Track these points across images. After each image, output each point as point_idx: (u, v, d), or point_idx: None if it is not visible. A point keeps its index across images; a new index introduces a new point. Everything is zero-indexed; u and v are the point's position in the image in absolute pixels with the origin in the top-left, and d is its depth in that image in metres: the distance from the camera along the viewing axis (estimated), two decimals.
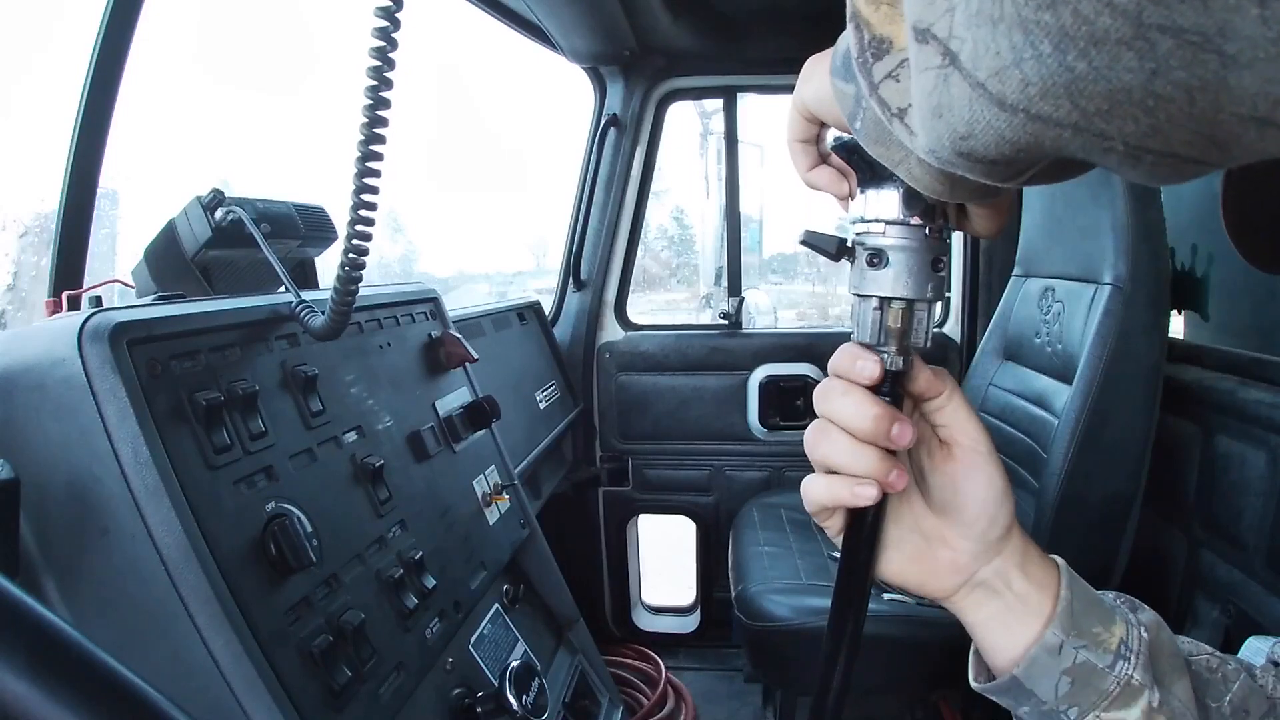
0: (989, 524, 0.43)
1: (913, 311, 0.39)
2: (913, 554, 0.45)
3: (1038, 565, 0.44)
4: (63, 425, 0.58)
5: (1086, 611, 0.42)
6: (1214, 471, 1.33)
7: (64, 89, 1.02)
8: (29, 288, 1.16)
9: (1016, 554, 0.44)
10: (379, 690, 0.71)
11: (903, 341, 0.39)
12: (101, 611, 0.58)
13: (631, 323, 2.21)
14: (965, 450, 0.43)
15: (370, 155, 0.62)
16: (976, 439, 0.43)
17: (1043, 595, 0.43)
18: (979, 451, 0.43)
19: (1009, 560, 0.44)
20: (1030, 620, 0.42)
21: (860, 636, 0.44)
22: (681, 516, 2.24)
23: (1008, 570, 0.44)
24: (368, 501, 0.82)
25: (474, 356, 1.13)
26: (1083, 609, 0.42)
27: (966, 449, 0.43)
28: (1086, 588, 0.44)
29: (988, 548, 0.44)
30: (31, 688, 0.21)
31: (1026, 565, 0.43)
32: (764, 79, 2.16)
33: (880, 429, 0.39)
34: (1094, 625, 0.42)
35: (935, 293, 0.39)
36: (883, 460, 0.40)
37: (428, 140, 5.37)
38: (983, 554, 0.44)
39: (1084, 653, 0.41)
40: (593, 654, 1.27)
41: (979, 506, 0.43)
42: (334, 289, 0.69)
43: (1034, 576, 0.43)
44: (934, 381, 0.42)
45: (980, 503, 0.43)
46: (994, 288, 2.03)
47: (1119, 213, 1.32)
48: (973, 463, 0.43)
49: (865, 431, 0.40)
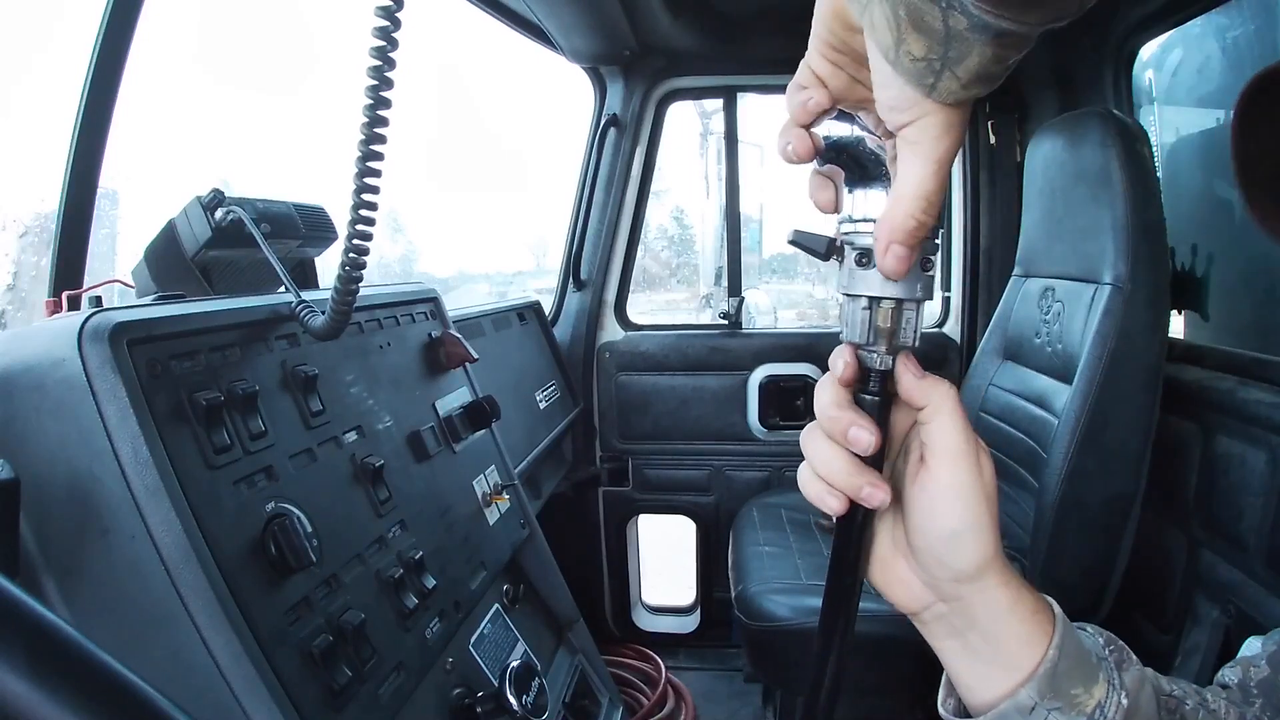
0: (936, 564, 0.40)
1: (902, 311, 0.39)
2: (881, 558, 0.43)
3: (1027, 618, 0.40)
4: (63, 425, 0.58)
5: (1070, 672, 0.40)
6: (1214, 471, 1.33)
7: (64, 89, 1.02)
8: (29, 288, 1.16)
9: (996, 601, 0.40)
10: (379, 690, 0.71)
11: (892, 341, 0.39)
12: (101, 611, 0.58)
13: (631, 323, 2.21)
14: (933, 476, 0.39)
15: (371, 155, 0.62)
16: (953, 470, 0.39)
17: (1026, 651, 0.40)
18: (947, 485, 0.39)
19: (982, 605, 0.40)
20: (1007, 673, 0.40)
21: (851, 635, 0.44)
22: (681, 516, 2.24)
23: (978, 613, 0.41)
24: (368, 501, 0.82)
25: (474, 356, 1.13)
26: (1067, 669, 0.40)
27: (936, 476, 0.39)
28: (1077, 641, 0.41)
29: (939, 585, 0.41)
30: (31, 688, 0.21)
31: (1013, 614, 0.40)
32: (764, 79, 2.16)
33: (836, 428, 0.39)
34: (1074, 687, 0.40)
35: (924, 292, 0.39)
36: (854, 473, 0.39)
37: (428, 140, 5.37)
38: (936, 589, 0.41)
39: (1056, 715, 0.39)
40: (593, 654, 1.27)
41: (927, 541, 0.40)
42: (334, 289, 0.69)
43: (1019, 629, 0.40)
44: (916, 389, 0.39)
45: (931, 537, 0.40)
46: (994, 288, 2.04)
47: (1119, 213, 1.32)
48: (935, 493, 0.39)
49: (827, 428, 0.39)
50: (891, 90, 0.33)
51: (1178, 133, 1.84)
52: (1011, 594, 0.41)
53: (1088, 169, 1.39)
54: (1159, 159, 1.74)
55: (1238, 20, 1.62)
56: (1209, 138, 1.73)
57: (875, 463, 0.40)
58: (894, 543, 0.43)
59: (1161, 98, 1.87)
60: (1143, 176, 1.33)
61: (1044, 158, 1.56)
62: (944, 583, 0.41)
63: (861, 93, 0.38)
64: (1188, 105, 1.84)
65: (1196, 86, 1.79)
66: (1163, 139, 1.84)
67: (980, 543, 0.40)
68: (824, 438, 0.40)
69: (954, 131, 0.33)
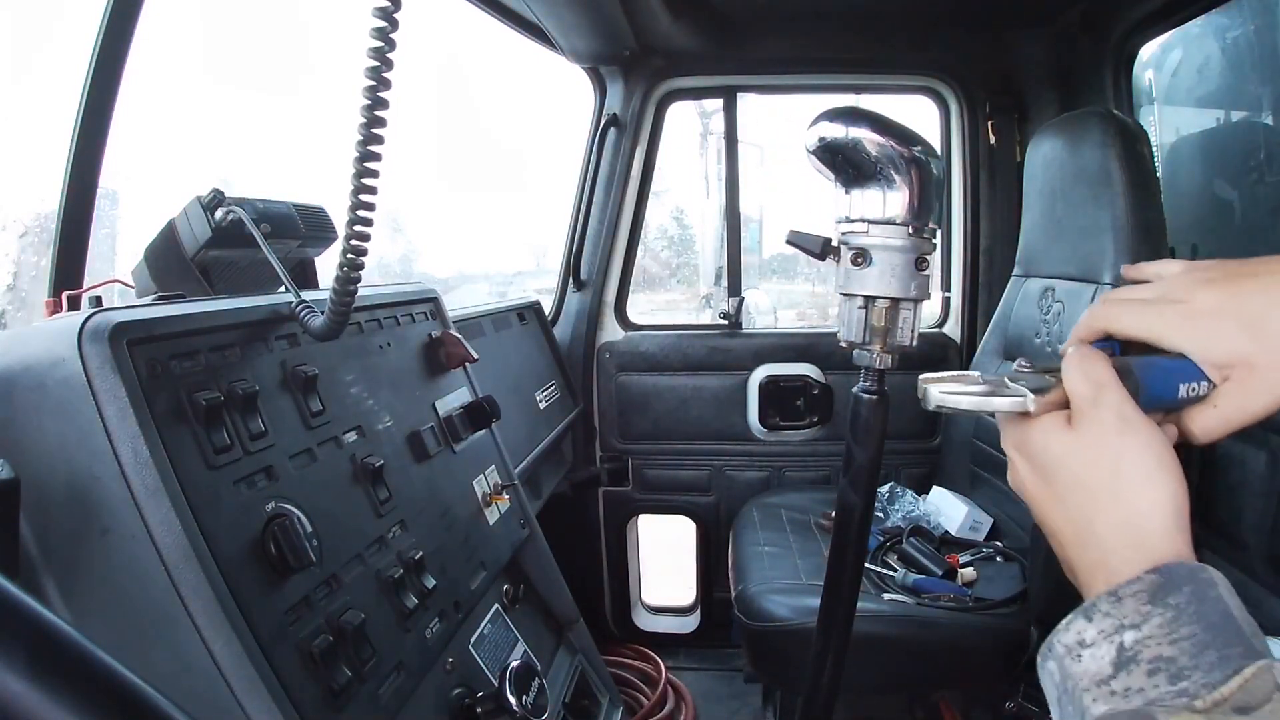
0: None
1: (898, 310, 0.39)
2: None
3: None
4: (63, 425, 0.58)
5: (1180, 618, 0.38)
6: (1214, 471, 1.33)
7: (64, 89, 1.02)
8: (29, 288, 1.16)
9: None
10: (379, 690, 0.71)
11: (887, 340, 0.40)
12: (101, 611, 0.58)
13: (631, 323, 2.21)
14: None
15: (369, 155, 0.62)
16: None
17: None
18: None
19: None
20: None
21: (849, 633, 0.44)
22: (681, 516, 2.24)
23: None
24: (368, 501, 0.82)
25: (474, 356, 1.13)
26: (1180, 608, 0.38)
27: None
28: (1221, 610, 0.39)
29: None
30: (31, 688, 0.21)
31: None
32: (764, 79, 2.16)
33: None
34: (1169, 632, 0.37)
35: (919, 291, 0.39)
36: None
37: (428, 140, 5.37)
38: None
39: (1110, 621, 0.39)
40: (593, 654, 1.27)
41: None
42: (333, 289, 0.69)
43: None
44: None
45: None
46: (994, 288, 2.04)
47: (1119, 213, 1.32)
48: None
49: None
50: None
51: (1178, 133, 1.84)
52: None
53: (1088, 169, 1.39)
54: (1159, 159, 1.74)
55: (1238, 20, 1.62)
56: (1209, 138, 1.73)
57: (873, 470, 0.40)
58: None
59: (1161, 98, 1.87)
60: (1143, 176, 1.33)
61: (1044, 158, 1.56)
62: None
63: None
64: (1188, 105, 1.84)
65: (1196, 86, 1.79)
66: (1163, 139, 1.84)
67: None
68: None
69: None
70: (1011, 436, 0.44)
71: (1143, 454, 0.40)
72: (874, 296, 0.39)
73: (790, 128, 2.43)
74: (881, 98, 2.24)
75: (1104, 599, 0.38)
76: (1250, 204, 1.64)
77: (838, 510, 0.44)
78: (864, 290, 0.39)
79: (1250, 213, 1.64)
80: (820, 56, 2.06)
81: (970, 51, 2.03)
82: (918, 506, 1.76)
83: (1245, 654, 0.34)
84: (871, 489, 0.50)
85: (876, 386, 0.41)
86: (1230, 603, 0.36)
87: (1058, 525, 0.43)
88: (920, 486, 1.86)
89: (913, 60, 2.10)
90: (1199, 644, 0.35)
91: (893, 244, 0.39)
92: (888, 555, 1.53)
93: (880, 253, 0.39)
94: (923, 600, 1.38)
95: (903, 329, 0.40)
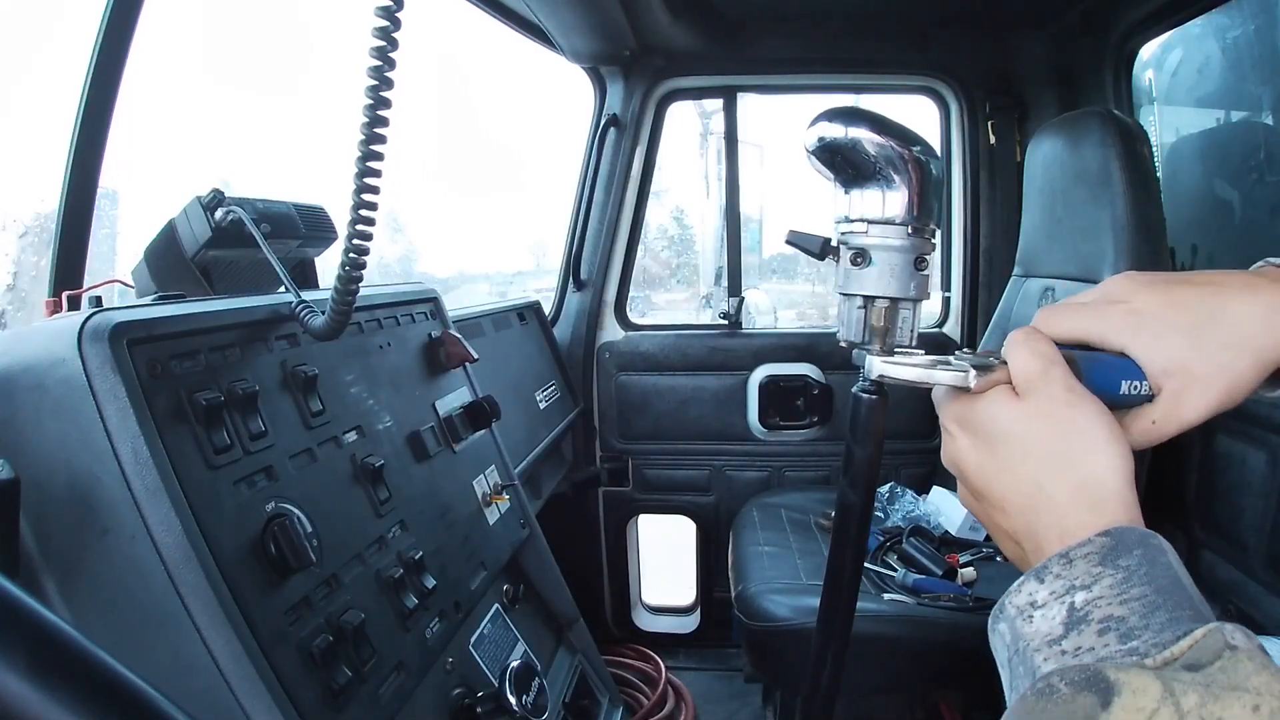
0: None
1: (896, 310, 0.40)
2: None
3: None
4: (63, 425, 0.58)
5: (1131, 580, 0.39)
6: (1214, 471, 1.33)
7: (64, 89, 1.02)
8: (29, 288, 1.16)
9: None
10: (379, 690, 0.71)
11: (886, 339, 0.40)
12: (101, 611, 0.58)
13: (631, 323, 2.21)
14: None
15: (370, 155, 0.62)
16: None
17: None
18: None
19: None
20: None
21: (849, 633, 0.44)
22: (681, 516, 2.24)
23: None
24: (368, 501, 0.82)
25: (474, 356, 1.13)
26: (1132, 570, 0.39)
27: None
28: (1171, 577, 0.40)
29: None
30: (31, 688, 0.21)
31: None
32: (764, 79, 2.16)
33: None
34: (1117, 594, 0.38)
35: (918, 291, 0.39)
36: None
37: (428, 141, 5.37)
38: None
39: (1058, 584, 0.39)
40: (593, 654, 1.27)
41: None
42: (334, 289, 0.69)
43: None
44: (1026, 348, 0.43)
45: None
46: (994, 288, 2.04)
47: (1119, 213, 1.32)
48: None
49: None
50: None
51: (1178, 133, 1.85)
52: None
53: (1087, 169, 1.39)
54: (1159, 159, 1.74)
55: (1238, 20, 1.62)
56: (1209, 138, 1.73)
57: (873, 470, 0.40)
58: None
59: (1161, 98, 1.87)
60: (1142, 176, 1.33)
61: (1044, 158, 1.56)
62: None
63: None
64: (1188, 105, 1.84)
65: (1196, 86, 1.79)
66: (1163, 139, 1.84)
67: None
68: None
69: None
70: (952, 411, 0.44)
71: (1093, 421, 0.40)
72: (873, 296, 0.39)
73: (790, 128, 2.43)
74: (881, 98, 2.24)
75: (1055, 560, 0.38)
76: (1250, 204, 1.64)
77: (837, 510, 0.44)
78: (863, 290, 0.39)
79: (1250, 213, 1.65)
80: (820, 56, 2.06)
81: (970, 52, 2.03)
82: (918, 506, 1.76)
83: (1195, 617, 0.35)
84: (871, 489, 0.50)
85: (876, 386, 0.41)
86: (1179, 570, 0.37)
87: (1003, 494, 0.43)
88: (920, 486, 1.87)
89: (913, 60, 2.10)
90: (1149, 605, 0.35)
91: (892, 244, 0.39)
92: (888, 555, 1.54)
93: (880, 253, 0.39)
94: (923, 600, 1.38)
95: (902, 329, 0.40)
